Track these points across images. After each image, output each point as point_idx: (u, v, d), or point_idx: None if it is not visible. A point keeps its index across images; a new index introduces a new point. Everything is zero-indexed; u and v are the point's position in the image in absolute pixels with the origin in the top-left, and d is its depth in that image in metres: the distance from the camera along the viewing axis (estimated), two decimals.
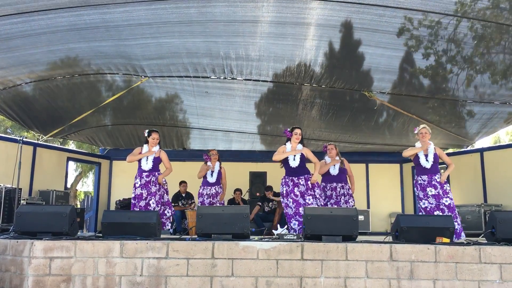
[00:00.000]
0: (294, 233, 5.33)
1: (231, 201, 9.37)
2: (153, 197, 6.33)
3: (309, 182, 6.17)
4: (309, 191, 6.14)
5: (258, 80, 8.25)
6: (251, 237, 4.70)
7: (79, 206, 16.62)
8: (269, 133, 10.40)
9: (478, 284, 4.08)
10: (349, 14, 6.36)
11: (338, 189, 6.90)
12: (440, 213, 5.86)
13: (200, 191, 7.55)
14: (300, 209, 6.01)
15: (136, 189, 6.32)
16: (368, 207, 10.94)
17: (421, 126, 6.35)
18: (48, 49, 7.24)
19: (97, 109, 9.29)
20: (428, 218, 4.91)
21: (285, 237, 4.60)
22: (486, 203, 9.19)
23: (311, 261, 4.12)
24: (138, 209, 6.18)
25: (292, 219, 6.07)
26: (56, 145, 10.91)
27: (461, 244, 4.30)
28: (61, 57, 7.54)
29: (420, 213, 6.08)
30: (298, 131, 6.33)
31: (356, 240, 4.53)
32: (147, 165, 6.39)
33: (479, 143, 10.84)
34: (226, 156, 9.22)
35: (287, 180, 6.24)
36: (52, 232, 4.51)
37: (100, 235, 4.71)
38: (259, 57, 7.63)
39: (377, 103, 8.62)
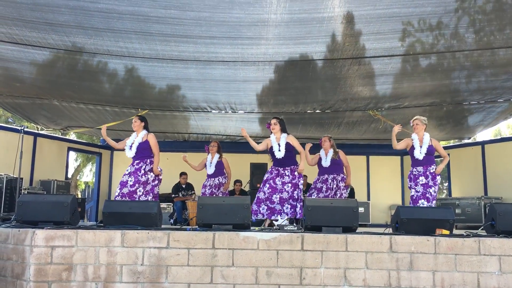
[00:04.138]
0: (256, 218, 5.66)
1: (231, 192, 9.38)
2: (141, 186, 5.98)
3: (295, 173, 6.17)
4: (292, 181, 6.14)
5: (260, 112, 8.28)
6: (252, 227, 4.71)
7: (80, 196, 16.65)
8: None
9: (477, 276, 4.10)
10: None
11: (329, 181, 6.89)
12: (425, 202, 5.92)
13: (204, 183, 7.55)
14: (274, 196, 6.03)
15: (124, 176, 6.01)
16: (368, 199, 10.97)
17: (414, 118, 6.34)
18: (43, 78, 7.25)
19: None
20: (428, 210, 4.93)
21: (285, 228, 4.62)
22: (486, 195, 9.22)
23: (311, 252, 4.13)
24: (120, 197, 5.84)
25: (262, 203, 6.09)
26: (56, 135, 10.90)
27: (461, 236, 4.31)
28: (58, 87, 7.62)
29: (410, 204, 6.11)
30: (272, 121, 6.30)
31: (356, 231, 4.55)
32: (130, 152, 6.08)
33: (480, 136, 10.84)
34: (227, 147, 9.20)
35: (273, 169, 6.29)
36: (53, 221, 4.52)
37: (101, 224, 4.73)
38: (260, 102, 7.67)
39: (382, 122, 8.55)
